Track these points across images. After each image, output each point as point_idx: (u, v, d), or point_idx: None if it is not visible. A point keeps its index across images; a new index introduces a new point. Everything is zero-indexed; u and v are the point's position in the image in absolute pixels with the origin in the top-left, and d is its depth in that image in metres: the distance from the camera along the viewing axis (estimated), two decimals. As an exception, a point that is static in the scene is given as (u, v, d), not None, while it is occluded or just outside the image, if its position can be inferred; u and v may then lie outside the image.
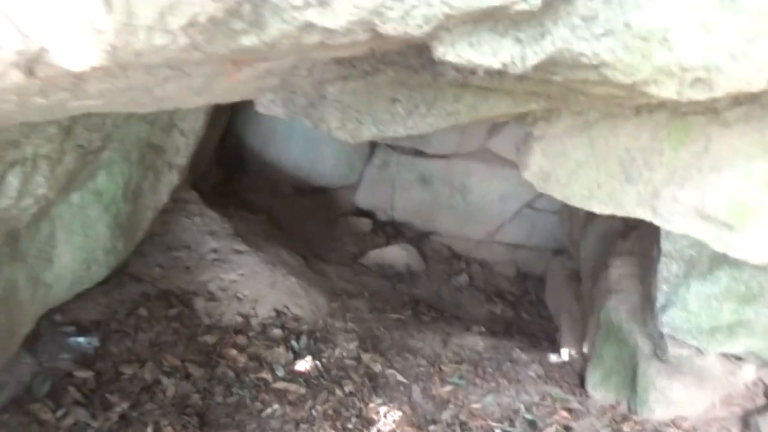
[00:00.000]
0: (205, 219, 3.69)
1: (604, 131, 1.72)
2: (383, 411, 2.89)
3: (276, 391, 2.85)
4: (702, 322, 2.71)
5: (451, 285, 4.64)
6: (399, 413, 2.89)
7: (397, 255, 4.59)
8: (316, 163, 4.99)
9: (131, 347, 2.84)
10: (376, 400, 2.96)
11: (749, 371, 2.84)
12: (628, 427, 2.89)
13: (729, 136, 1.73)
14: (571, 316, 3.85)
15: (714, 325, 2.72)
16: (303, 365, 3.04)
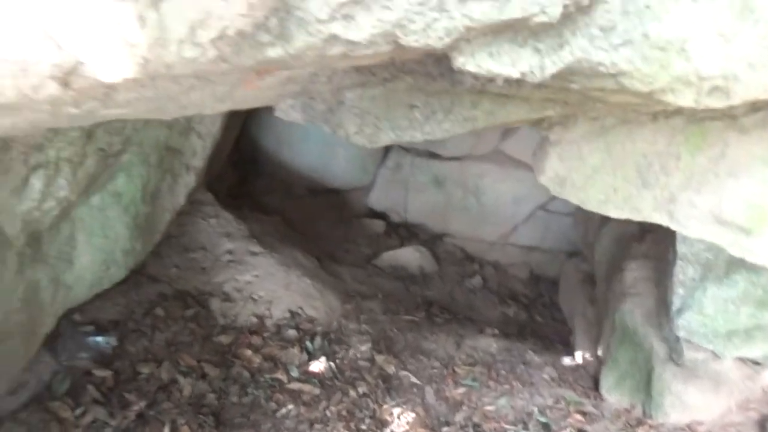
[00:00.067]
0: (221, 221, 3.72)
1: (620, 136, 1.73)
2: (397, 412, 2.90)
3: (290, 392, 2.86)
4: (718, 326, 2.69)
5: (465, 287, 4.63)
6: (412, 415, 2.90)
7: (411, 257, 4.59)
8: (329, 165, 5.00)
9: (148, 347, 2.87)
10: (389, 401, 2.97)
11: (767, 376, 2.81)
12: (642, 431, 2.88)
13: (746, 141, 1.73)
14: (586, 319, 3.83)
15: (731, 329, 2.70)
16: (317, 366, 3.06)
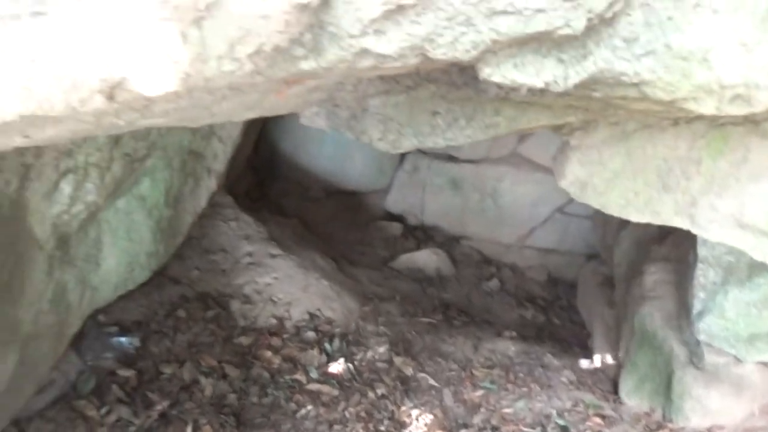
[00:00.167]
0: (241, 223, 3.77)
1: (641, 141, 1.73)
2: (415, 414, 2.91)
3: (310, 393, 2.89)
4: (740, 329, 2.67)
5: (482, 289, 4.63)
6: (431, 416, 2.91)
7: (428, 259, 4.60)
8: (346, 168, 5.03)
9: (170, 347, 2.92)
10: (407, 403, 2.98)
11: (790, 381, 2.78)
12: (662, 435, 2.86)
13: (769, 146, 1.72)
14: (604, 322, 3.81)
15: (752, 333, 2.67)
16: (336, 367, 3.08)
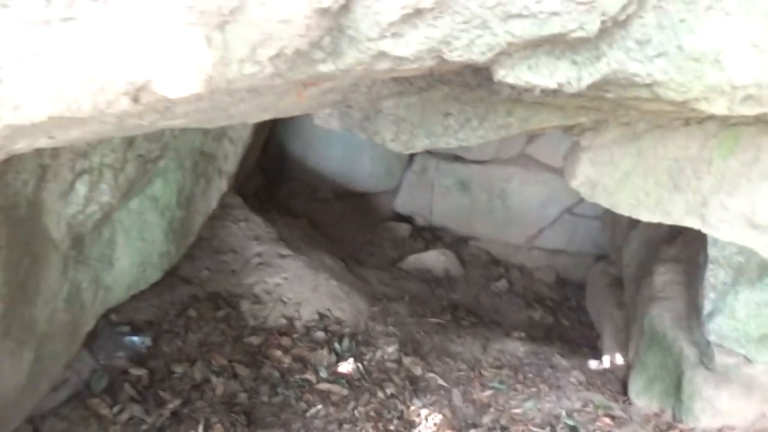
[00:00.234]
0: (250, 224, 3.79)
1: (652, 141, 1.74)
2: (424, 414, 2.92)
3: (319, 392, 2.91)
4: (750, 330, 2.66)
5: (490, 290, 4.63)
6: (440, 416, 2.92)
7: (436, 260, 4.61)
8: (355, 169, 5.05)
9: (181, 347, 2.94)
10: (416, 402, 2.99)
11: (801, 382, 2.77)
12: (672, 436, 2.86)
13: (780, 145, 1.72)
14: (613, 323, 3.80)
15: (763, 333, 2.66)
16: (345, 367, 3.10)
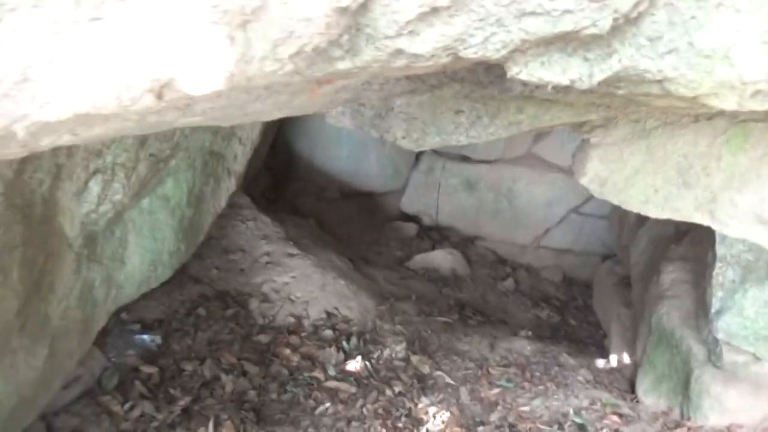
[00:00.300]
0: (259, 223, 3.82)
1: (662, 138, 1.75)
2: (432, 411, 2.93)
3: (328, 390, 2.92)
4: (759, 328, 2.66)
5: (497, 289, 4.64)
6: (447, 414, 2.93)
7: (443, 259, 4.63)
8: (362, 169, 5.07)
9: (191, 345, 2.97)
10: (424, 400, 3.00)
11: (810, 380, 2.76)
12: (681, 434, 2.86)
13: (790, 142, 1.73)
14: (621, 322, 3.80)
15: (772, 332, 2.66)
16: (353, 365, 3.11)
